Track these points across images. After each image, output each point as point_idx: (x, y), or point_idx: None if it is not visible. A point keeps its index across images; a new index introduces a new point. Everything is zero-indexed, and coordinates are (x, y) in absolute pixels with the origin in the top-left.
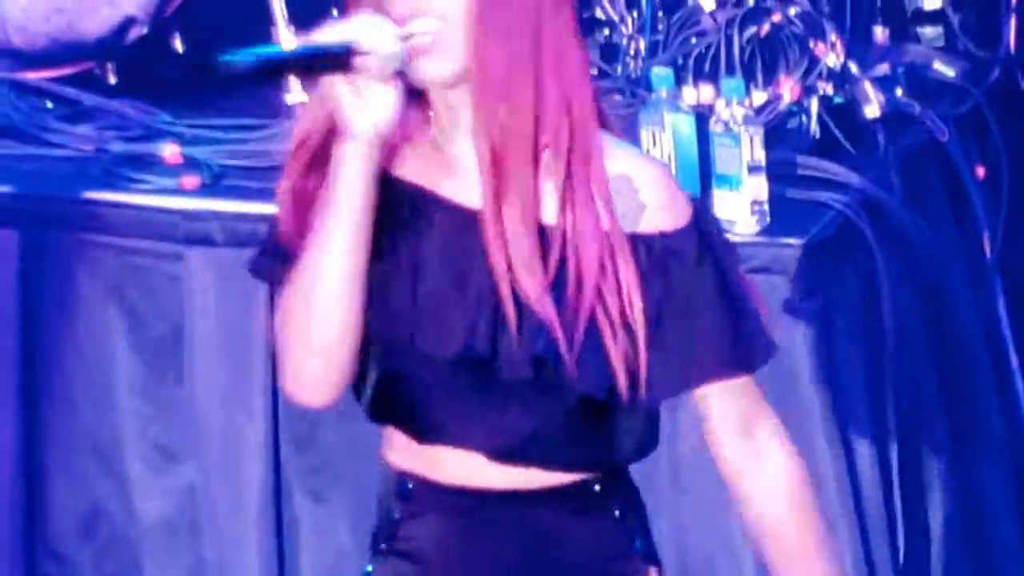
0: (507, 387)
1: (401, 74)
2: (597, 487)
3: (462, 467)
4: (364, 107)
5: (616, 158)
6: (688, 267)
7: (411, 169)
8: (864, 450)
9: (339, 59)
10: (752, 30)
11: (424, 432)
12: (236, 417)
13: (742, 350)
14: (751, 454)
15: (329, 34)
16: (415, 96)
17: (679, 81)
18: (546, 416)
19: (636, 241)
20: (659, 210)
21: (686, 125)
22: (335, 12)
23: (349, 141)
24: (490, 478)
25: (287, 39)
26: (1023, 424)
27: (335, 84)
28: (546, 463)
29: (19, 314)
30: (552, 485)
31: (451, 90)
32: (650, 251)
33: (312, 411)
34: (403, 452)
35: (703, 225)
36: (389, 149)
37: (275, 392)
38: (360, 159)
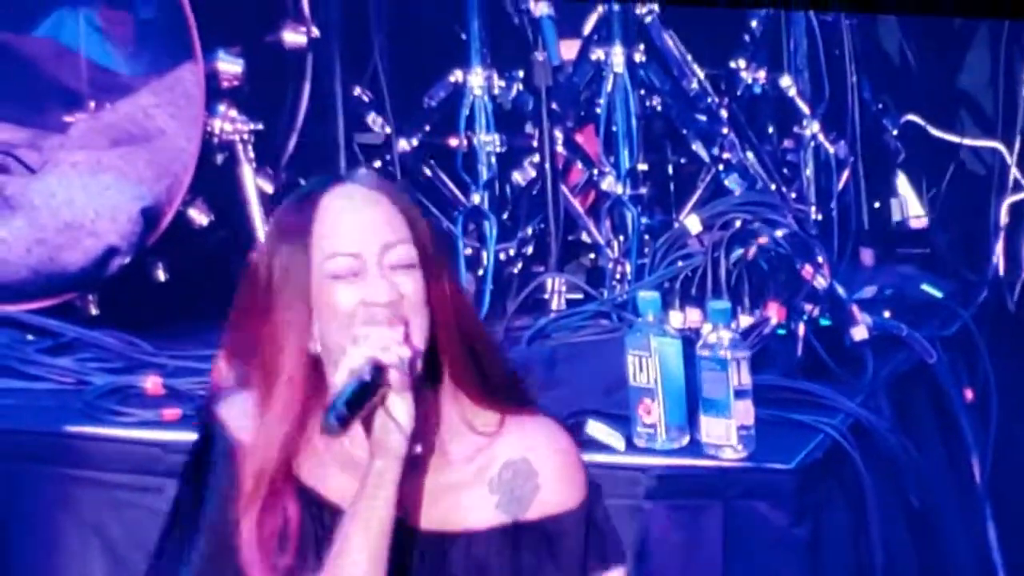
0: None
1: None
2: None
3: None
4: (393, 423)
5: (518, 427)
6: (572, 557)
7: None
8: None
9: (378, 384)
10: (739, 252)
11: None
12: None
13: None
14: None
15: (355, 361)
16: None
17: (666, 305)
18: None
19: (532, 529)
20: (551, 493)
21: (673, 350)
22: None
23: (383, 459)
24: None
25: None
26: None
27: (375, 412)
28: None
29: None
30: None
31: None
32: (544, 536)
33: None
34: None
35: (592, 508)
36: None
37: None
38: (395, 474)
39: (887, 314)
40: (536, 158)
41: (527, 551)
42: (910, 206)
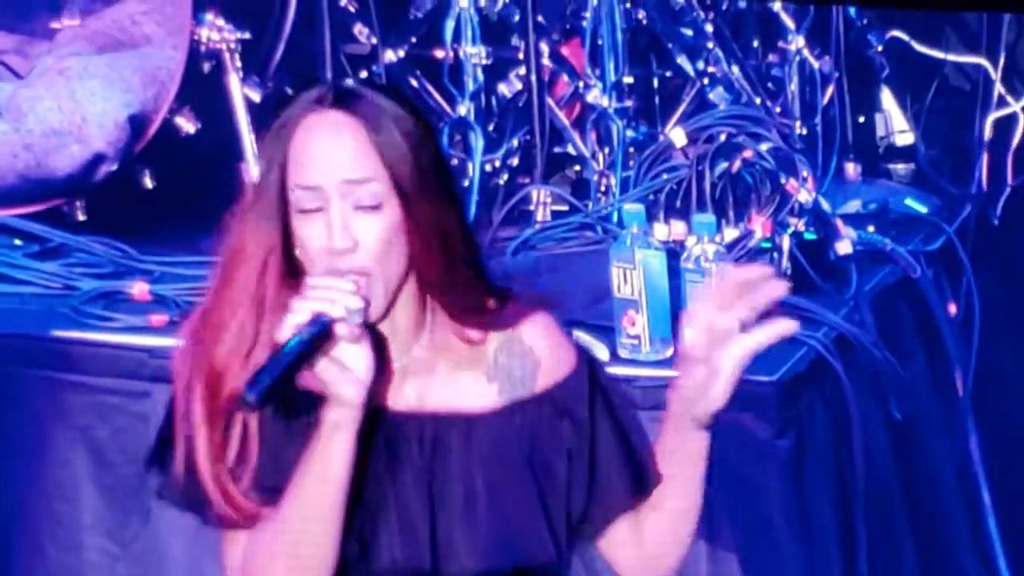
0: None
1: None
2: None
3: None
4: (347, 374)
5: (502, 319)
6: (584, 409)
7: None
8: None
9: (323, 338)
10: (723, 166)
11: None
12: (200, 556)
13: (640, 481)
14: (637, 539)
15: (299, 316)
16: None
17: (650, 217)
18: None
19: (541, 400)
20: (552, 363)
21: (657, 262)
22: None
23: (337, 409)
24: None
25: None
26: (996, 562)
27: (320, 364)
28: None
29: None
30: None
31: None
32: (553, 404)
33: None
34: None
35: (592, 366)
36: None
37: None
38: (351, 424)
39: (871, 228)
40: (522, 70)
41: (540, 421)
42: (894, 121)
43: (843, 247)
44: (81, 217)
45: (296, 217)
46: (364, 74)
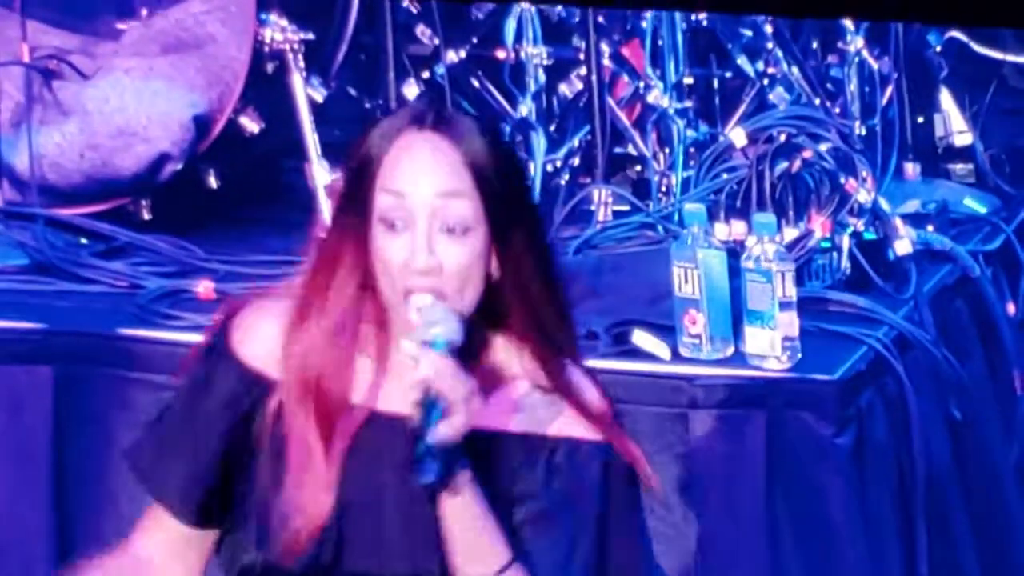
0: None
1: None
2: None
3: None
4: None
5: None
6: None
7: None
8: None
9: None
10: (783, 166)
11: None
12: None
13: None
14: None
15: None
16: None
17: (711, 217)
18: None
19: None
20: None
21: (718, 261)
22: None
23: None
24: None
25: (320, 174)
26: None
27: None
28: None
29: (52, 450)
30: None
31: None
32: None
33: None
34: None
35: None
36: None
37: None
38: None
39: (930, 228)
40: (583, 71)
41: (544, 461)
42: (953, 122)
43: (902, 247)
44: (146, 216)
45: (378, 228)
46: (426, 75)
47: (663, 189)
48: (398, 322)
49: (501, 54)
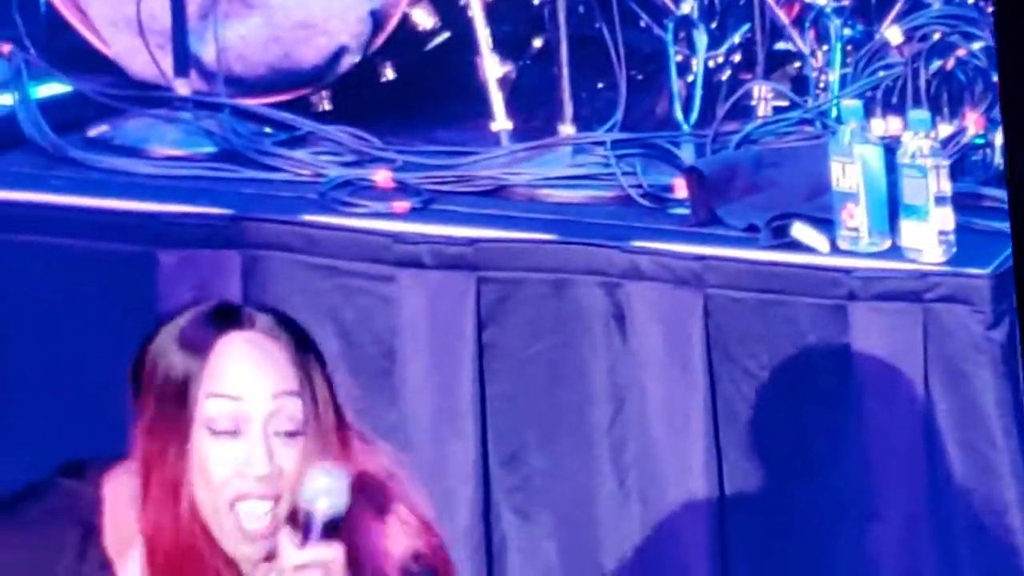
0: None
1: None
2: None
3: None
4: None
5: None
6: None
7: None
8: None
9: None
10: (937, 64)
11: None
12: (445, 437)
13: None
14: None
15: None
16: None
17: (867, 113)
18: None
19: None
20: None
21: (875, 157)
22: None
23: None
24: None
25: (491, 68)
26: None
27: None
28: None
29: None
30: None
31: None
32: None
33: (518, 433)
34: None
35: None
36: None
37: (483, 412)
38: None
39: None
40: None
41: None
42: None
43: None
44: (327, 107)
45: (201, 438)
46: None
47: (821, 85)
48: (223, 532)
49: None
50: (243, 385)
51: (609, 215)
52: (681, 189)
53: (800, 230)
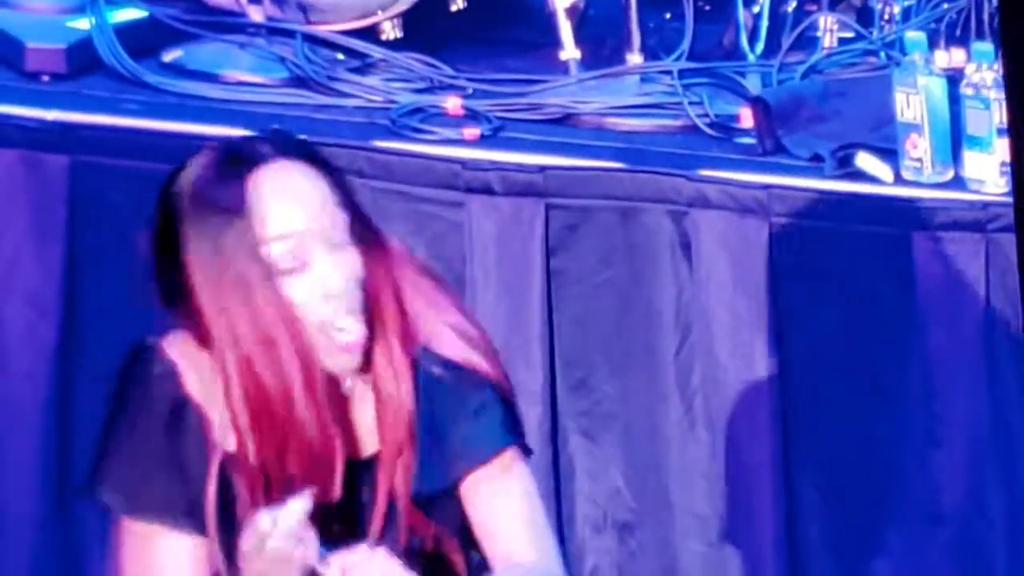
0: None
1: None
2: None
3: None
4: None
5: None
6: None
7: None
8: None
9: None
10: None
11: None
12: (514, 362)
13: None
14: None
15: None
16: None
17: (931, 45)
18: None
19: None
20: None
21: (938, 88)
22: None
23: None
24: None
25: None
26: None
27: None
28: None
29: None
30: None
31: None
32: None
33: (587, 359)
34: None
35: None
36: None
37: (551, 338)
38: None
39: None
40: None
41: None
42: None
43: None
44: (398, 34)
45: (275, 281)
46: None
47: (885, 17)
48: (323, 350)
49: None
50: (291, 220)
51: (676, 144)
52: (747, 119)
53: (864, 160)
